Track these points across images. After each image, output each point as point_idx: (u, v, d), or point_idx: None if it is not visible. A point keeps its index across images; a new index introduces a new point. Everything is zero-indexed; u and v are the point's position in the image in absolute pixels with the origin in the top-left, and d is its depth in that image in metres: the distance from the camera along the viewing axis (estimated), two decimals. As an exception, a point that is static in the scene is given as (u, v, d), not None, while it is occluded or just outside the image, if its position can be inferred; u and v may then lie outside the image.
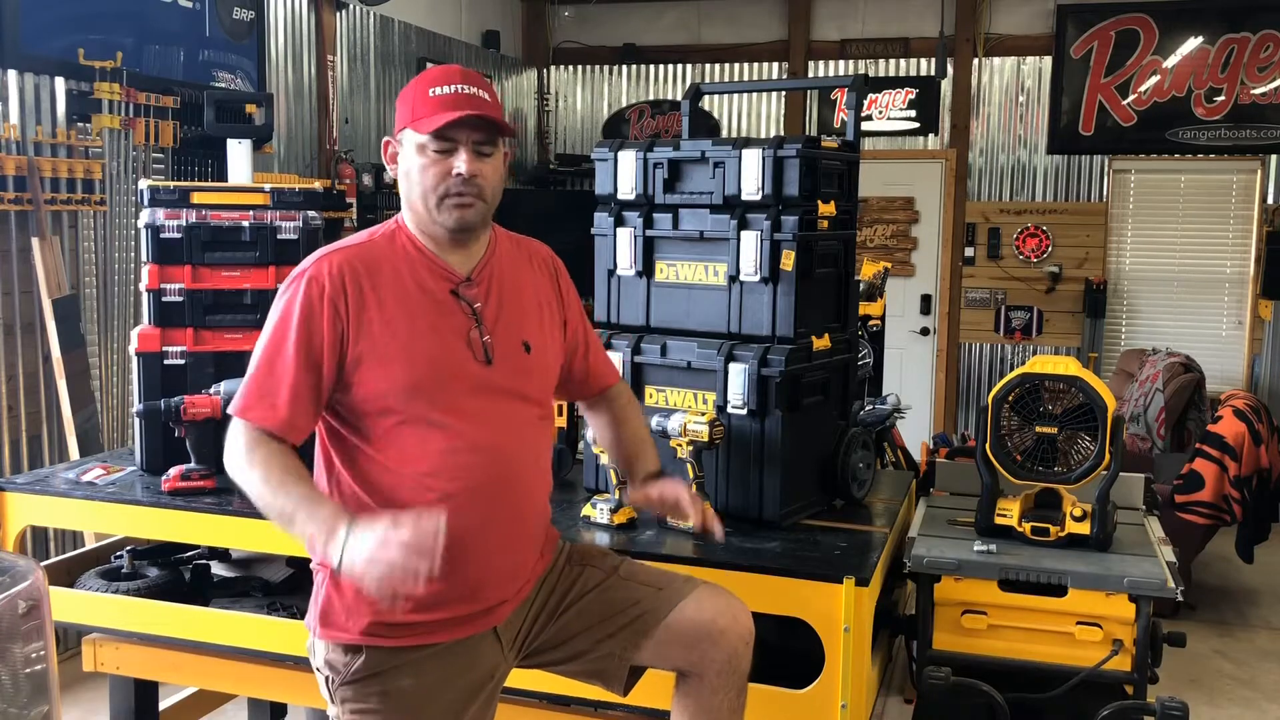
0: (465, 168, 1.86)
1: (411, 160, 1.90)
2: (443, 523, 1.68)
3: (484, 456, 1.89)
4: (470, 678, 1.93)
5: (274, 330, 1.87)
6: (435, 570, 1.66)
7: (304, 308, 1.84)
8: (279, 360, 1.84)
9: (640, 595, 2.05)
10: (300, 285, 1.86)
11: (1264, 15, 6.83)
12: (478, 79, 1.93)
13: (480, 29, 7.67)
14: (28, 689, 1.61)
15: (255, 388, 1.85)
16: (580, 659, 2.06)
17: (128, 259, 4.54)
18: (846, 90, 3.25)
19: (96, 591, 2.79)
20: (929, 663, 2.43)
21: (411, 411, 1.85)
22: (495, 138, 1.91)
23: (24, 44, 4.15)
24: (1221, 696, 4.19)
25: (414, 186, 1.90)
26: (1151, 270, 7.28)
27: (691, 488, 2.20)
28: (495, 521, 1.91)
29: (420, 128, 1.87)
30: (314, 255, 1.92)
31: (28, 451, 4.18)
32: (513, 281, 2.02)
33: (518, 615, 2.00)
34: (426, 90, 1.88)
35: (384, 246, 1.94)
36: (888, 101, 7.52)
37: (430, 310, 1.90)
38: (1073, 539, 2.52)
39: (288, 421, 1.84)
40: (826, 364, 2.68)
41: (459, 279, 1.94)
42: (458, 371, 1.89)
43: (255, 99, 5.13)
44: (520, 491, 1.96)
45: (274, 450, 1.81)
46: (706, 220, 2.67)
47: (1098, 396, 2.52)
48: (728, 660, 2.02)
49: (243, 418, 1.84)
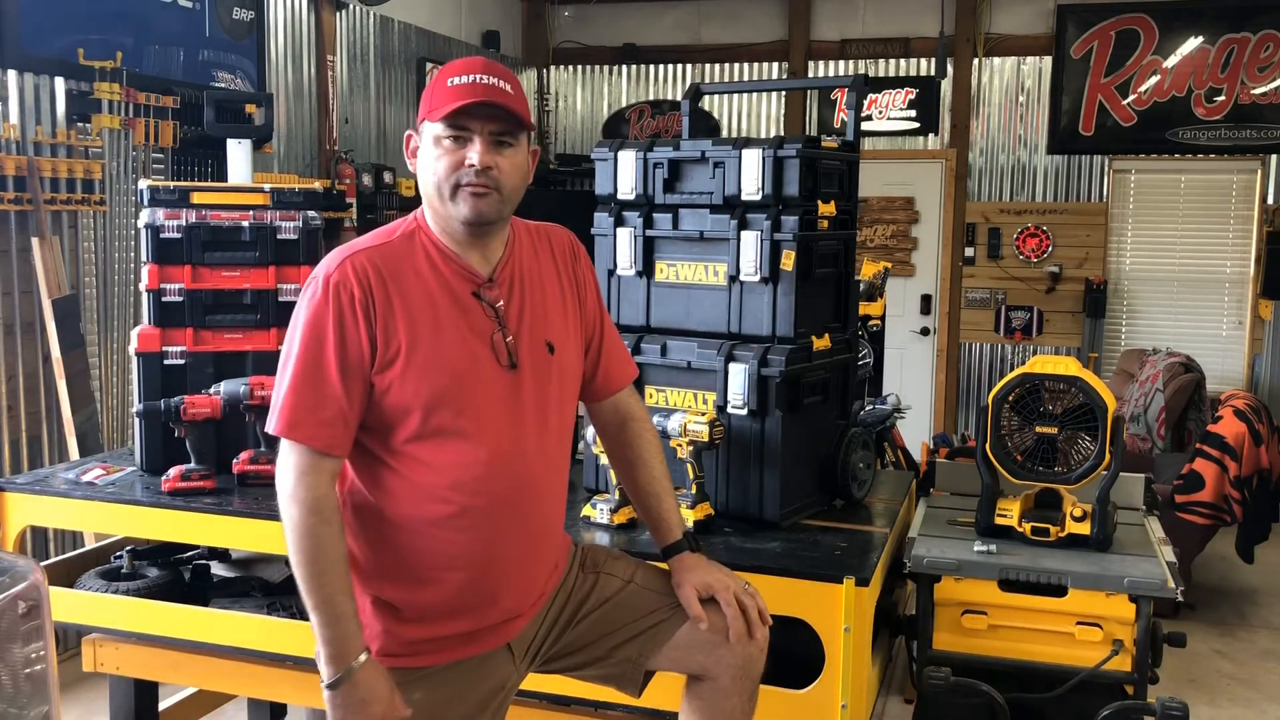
0: (479, 158, 1.80)
1: (428, 152, 1.84)
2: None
3: (505, 467, 1.85)
4: (481, 691, 1.92)
5: (307, 340, 1.78)
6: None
7: (336, 315, 1.78)
8: (320, 373, 1.77)
9: (657, 604, 2.03)
10: (330, 291, 1.78)
11: (1264, 15, 6.83)
12: (500, 70, 1.85)
13: (480, 29, 7.66)
14: (28, 689, 1.61)
15: (299, 403, 1.77)
16: (596, 665, 2.05)
17: (128, 259, 4.54)
18: (846, 90, 3.25)
19: (96, 591, 2.79)
20: (929, 663, 2.43)
21: (435, 422, 1.80)
22: (516, 131, 1.85)
23: (24, 44, 4.14)
24: (1221, 696, 4.19)
25: (429, 178, 1.84)
26: (1151, 270, 7.28)
27: (727, 583, 2.00)
28: (513, 533, 1.88)
29: (435, 116, 1.81)
30: (335, 257, 1.84)
31: (28, 451, 4.18)
32: (535, 278, 1.97)
33: (531, 627, 1.98)
34: (446, 80, 1.83)
35: (403, 246, 1.87)
36: (888, 101, 7.52)
37: (453, 313, 1.84)
38: (1073, 539, 2.52)
39: (339, 439, 1.79)
40: (826, 364, 2.68)
41: (480, 280, 1.88)
42: (482, 377, 1.84)
43: (255, 99, 5.13)
44: (539, 502, 1.92)
45: (336, 532, 1.78)
46: (706, 220, 2.67)
47: (1098, 396, 2.52)
48: (743, 665, 2.00)
49: (292, 438, 1.77)
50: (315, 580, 1.76)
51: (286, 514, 1.78)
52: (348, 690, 1.76)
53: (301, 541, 1.76)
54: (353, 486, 1.87)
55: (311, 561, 1.76)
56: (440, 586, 1.84)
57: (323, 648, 1.77)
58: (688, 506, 2.50)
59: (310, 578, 1.76)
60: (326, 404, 1.77)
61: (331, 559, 1.76)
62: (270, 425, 1.80)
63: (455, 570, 1.84)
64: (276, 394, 1.80)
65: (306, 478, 1.77)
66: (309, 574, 1.76)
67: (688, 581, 2.00)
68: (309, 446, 1.77)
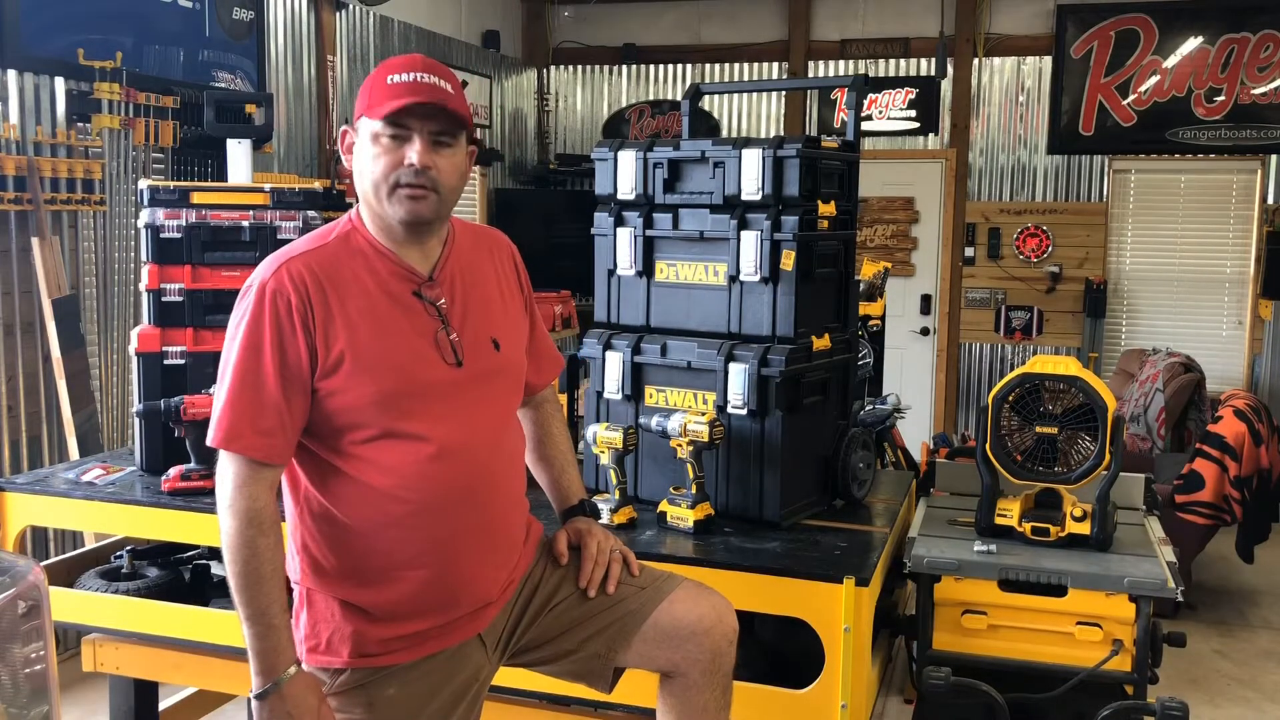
0: (418, 158, 1.78)
1: (365, 149, 1.81)
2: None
3: (458, 462, 1.85)
4: (455, 683, 1.92)
5: (244, 350, 1.77)
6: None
7: (274, 324, 1.76)
8: (259, 383, 1.76)
9: (624, 594, 2.04)
10: (265, 299, 1.77)
11: (1264, 15, 6.83)
12: (440, 69, 1.84)
13: (480, 29, 7.66)
14: (27, 689, 1.61)
15: (238, 414, 1.76)
16: (565, 659, 2.05)
17: (128, 259, 4.54)
18: (846, 90, 3.25)
19: (96, 591, 2.79)
20: (929, 663, 2.43)
21: (383, 424, 1.80)
22: (455, 130, 1.83)
23: (24, 44, 4.14)
24: (1221, 696, 4.19)
25: (366, 177, 1.81)
26: (1151, 270, 7.28)
27: (605, 538, 2.10)
28: (473, 527, 1.88)
29: (374, 114, 1.79)
30: (269, 263, 1.82)
31: (28, 451, 4.18)
32: (476, 276, 1.96)
33: (501, 617, 1.99)
34: (385, 77, 1.80)
35: (340, 249, 1.85)
36: (888, 101, 7.52)
37: (395, 314, 1.83)
38: (1073, 539, 2.52)
39: (279, 448, 1.78)
40: (826, 364, 2.68)
41: (421, 279, 1.87)
42: (428, 376, 1.83)
43: (255, 99, 5.13)
44: (496, 493, 1.93)
45: (273, 543, 1.78)
46: (706, 220, 2.67)
47: (1098, 396, 2.52)
48: (712, 659, 2.01)
49: (230, 449, 1.77)
50: (250, 591, 1.76)
51: (224, 524, 1.78)
52: (275, 702, 1.76)
53: (239, 552, 1.76)
54: (307, 493, 1.86)
55: (248, 573, 1.76)
56: (403, 585, 1.84)
57: (253, 659, 1.77)
58: (688, 506, 2.50)
59: (245, 589, 1.76)
60: (265, 414, 1.76)
61: (268, 571, 1.76)
62: (209, 437, 1.79)
63: (416, 568, 1.84)
64: (215, 405, 1.80)
65: (245, 488, 1.76)
66: (244, 585, 1.76)
67: (567, 527, 2.12)
68: (247, 457, 1.76)
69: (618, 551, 2.09)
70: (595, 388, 2.78)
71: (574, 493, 2.20)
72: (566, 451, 2.22)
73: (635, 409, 2.74)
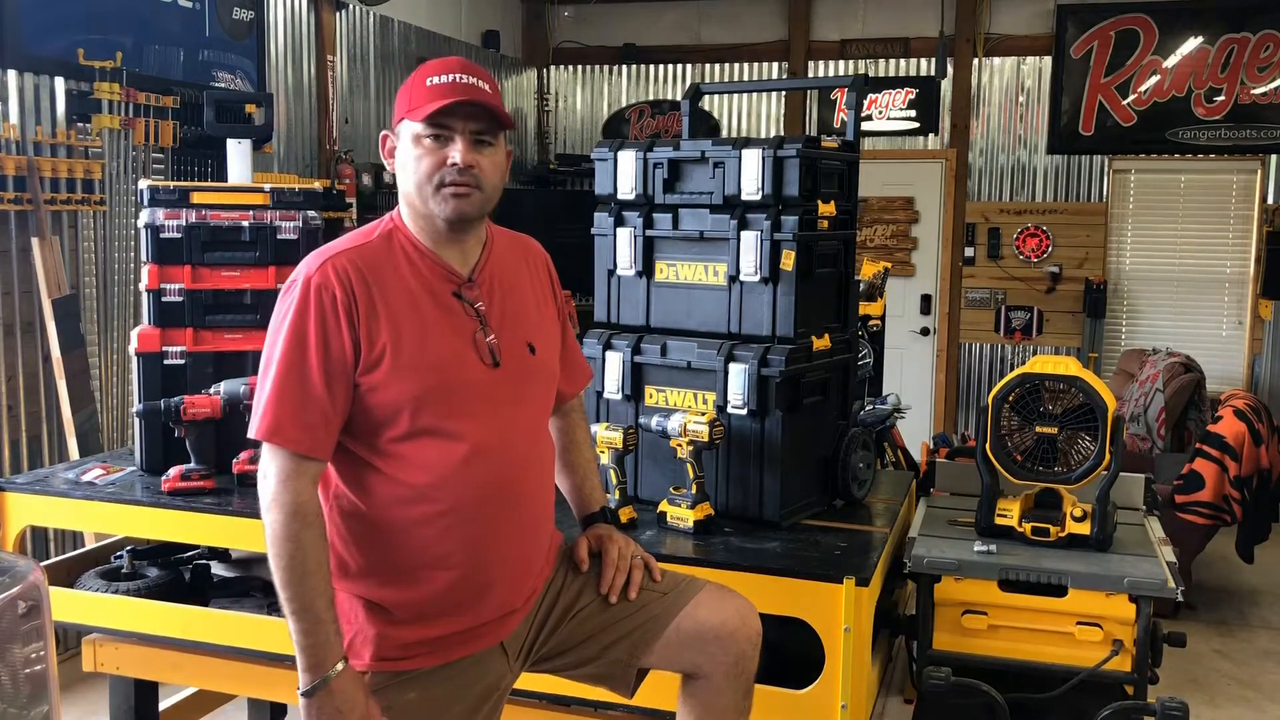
0: (461, 156, 1.81)
1: (408, 151, 1.84)
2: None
3: (492, 464, 1.85)
4: (476, 690, 1.91)
5: (289, 343, 1.77)
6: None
7: (319, 318, 1.77)
8: (304, 377, 1.76)
9: (647, 599, 2.03)
10: (311, 293, 1.78)
11: (1264, 15, 6.83)
12: (478, 70, 1.87)
13: (480, 29, 7.66)
14: (27, 689, 1.61)
15: (283, 407, 1.76)
16: (588, 664, 2.05)
17: (128, 259, 4.54)
18: (846, 90, 3.25)
19: (96, 591, 2.79)
20: (929, 663, 2.43)
21: (421, 421, 1.80)
22: (495, 129, 1.86)
23: (24, 44, 4.14)
24: (1221, 696, 4.19)
25: (409, 177, 1.84)
26: (1151, 270, 7.28)
27: (626, 544, 2.10)
28: (502, 530, 1.88)
29: (415, 116, 1.82)
30: (314, 258, 1.84)
31: (28, 451, 4.18)
32: (513, 281, 1.99)
33: (524, 625, 1.98)
34: (424, 80, 1.84)
35: (382, 247, 1.87)
36: (888, 101, 7.52)
37: (436, 314, 1.85)
38: (1073, 539, 2.52)
39: (322, 442, 1.78)
40: (826, 364, 2.68)
41: (460, 280, 1.89)
42: (466, 376, 1.85)
43: (255, 99, 5.13)
44: (527, 498, 1.93)
45: (318, 536, 1.77)
46: (706, 220, 2.67)
47: (1098, 396, 2.52)
48: (735, 662, 2.01)
49: (274, 443, 1.76)
50: (296, 586, 1.75)
51: (268, 519, 1.77)
52: (323, 698, 1.75)
53: (283, 546, 1.75)
54: (338, 490, 1.86)
55: (293, 567, 1.75)
56: (431, 585, 1.84)
57: (300, 655, 1.76)
58: (687, 506, 2.50)
59: (291, 584, 1.75)
60: (310, 408, 1.76)
61: (313, 565, 1.76)
62: (252, 430, 1.79)
63: (445, 569, 1.84)
64: (259, 398, 1.79)
65: (289, 482, 1.76)
66: (290, 579, 1.75)
67: (588, 534, 2.12)
68: (292, 451, 1.76)
69: (639, 557, 2.08)
70: (595, 388, 2.78)
71: (595, 500, 2.19)
72: (590, 460, 2.23)
73: (635, 409, 2.74)
